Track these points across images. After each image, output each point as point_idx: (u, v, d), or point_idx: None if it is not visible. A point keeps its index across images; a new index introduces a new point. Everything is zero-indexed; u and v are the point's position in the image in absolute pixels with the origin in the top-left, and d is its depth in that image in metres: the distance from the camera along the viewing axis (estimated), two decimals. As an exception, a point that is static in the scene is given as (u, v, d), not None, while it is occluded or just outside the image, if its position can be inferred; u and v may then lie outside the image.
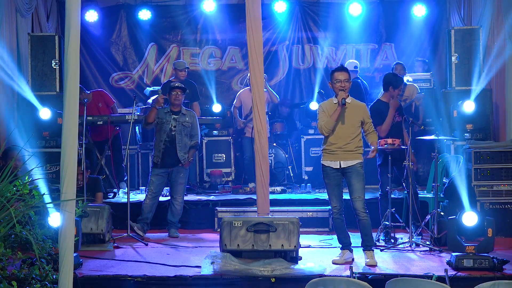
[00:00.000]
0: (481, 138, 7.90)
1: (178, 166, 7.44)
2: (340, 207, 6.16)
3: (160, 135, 7.44)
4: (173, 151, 7.39)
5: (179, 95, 7.44)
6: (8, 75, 8.22)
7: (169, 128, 7.40)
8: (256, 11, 6.70)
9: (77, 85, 4.43)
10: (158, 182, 7.46)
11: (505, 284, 4.05)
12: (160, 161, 7.41)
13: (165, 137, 7.40)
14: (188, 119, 7.51)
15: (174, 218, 7.53)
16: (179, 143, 7.40)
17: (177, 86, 7.51)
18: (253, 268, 5.46)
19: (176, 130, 7.42)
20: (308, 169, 9.81)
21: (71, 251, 4.31)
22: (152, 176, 7.50)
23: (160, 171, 7.44)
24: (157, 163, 7.44)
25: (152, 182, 7.47)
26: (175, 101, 7.43)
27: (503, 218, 7.25)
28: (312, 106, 9.91)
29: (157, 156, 7.43)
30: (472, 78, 8.19)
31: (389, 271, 5.57)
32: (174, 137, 7.40)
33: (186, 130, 7.48)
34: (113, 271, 5.65)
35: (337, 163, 6.08)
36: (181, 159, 7.41)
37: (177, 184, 7.50)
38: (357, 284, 4.09)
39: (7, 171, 4.41)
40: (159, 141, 7.44)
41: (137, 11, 10.73)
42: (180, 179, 7.49)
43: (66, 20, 4.40)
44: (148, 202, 7.45)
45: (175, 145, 7.39)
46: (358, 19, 10.51)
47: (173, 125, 7.42)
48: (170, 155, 7.40)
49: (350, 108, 6.06)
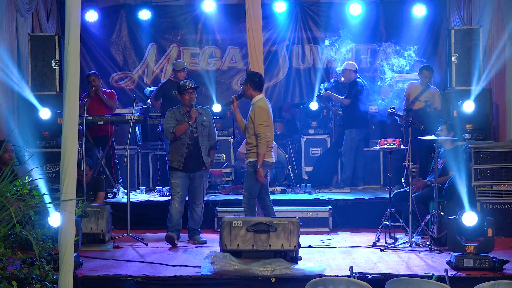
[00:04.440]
0: (481, 138, 7.90)
1: (201, 169, 7.05)
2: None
3: (181, 139, 6.95)
4: (197, 154, 6.97)
5: (193, 95, 6.98)
6: (8, 75, 8.22)
7: (190, 130, 6.95)
8: (256, 11, 6.72)
9: (77, 85, 4.43)
10: (183, 184, 7.01)
11: (505, 284, 4.04)
12: (182, 166, 6.96)
13: (187, 141, 6.95)
14: (205, 118, 7.08)
15: (196, 225, 7.16)
16: (203, 146, 7.00)
17: (188, 86, 6.99)
18: (253, 268, 5.46)
19: (198, 132, 6.99)
20: (308, 169, 9.82)
21: (71, 251, 4.31)
22: (174, 179, 7.01)
23: (183, 174, 6.99)
24: (179, 168, 6.98)
25: (177, 185, 6.99)
26: (191, 102, 6.94)
27: (503, 218, 7.27)
28: (312, 106, 9.92)
29: (179, 161, 6.96)
30: (472, 78, 8.18)
31: (389, 271, 5.57)
32: (197, 140, 6.98)
33: (205, 131, 7.06)
34: (113, 271, 5.65)
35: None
36: (205, 162, 7.03)
37: (200, 188, 7.08)
38: (357, 284, 4.09)
39: (7, 170, 4.41)
40: (181, 145, 6.97)
41: (137, 11, 10.74)
42: (203, 183, 7.11)
43: (66, 20, 4.40)
44: (178, 206, 7.00)
45: (199, 148, 6.97)
46: (358, 19, 10.51)
47: (193, 126, 6.96)
48: (194, 159, 6.97)
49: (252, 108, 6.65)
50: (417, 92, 8.63)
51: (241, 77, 10.83)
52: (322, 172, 9.62)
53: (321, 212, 7.84)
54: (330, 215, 7.80)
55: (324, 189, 9.16)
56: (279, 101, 11.01)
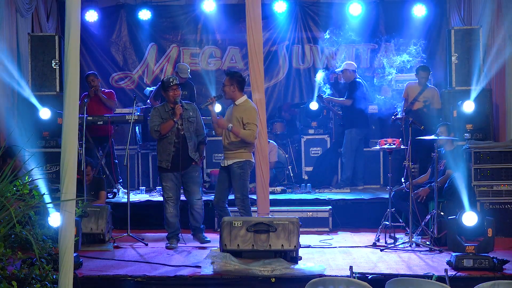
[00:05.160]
0: (481, 138, 7.90)
1: (191, 166, 6.87)
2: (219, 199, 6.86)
3: (167, 137, 6.79)
4: (184, 152, 6.77)
5: (177, 91, 6.78)
6: (8, 75, 8.22)
7: (176, 127, 6.78)
8: (256, 11, 6.71)
9: (77, 85, 4.42)
10: (174, 186, 6.84)
11: (505, 284, 4.04)
12: (171, 165, 6.78)
13: (174, 138, 6.77)
14: (192, 113, 6.90)
15: (197, 223, 6.99)
16: (190, 142, 6.81)
17: (172, 82, 6.78)
18: (253, 268, 5.46)
19: (184, 128, 6.80)
20: (308, 169, 9.82)
21: (71, 251, 4.30)
22: (165, 182, 6.84)
23: (172, 174, 6.82)
24: (167, 168, 6.81)
25: (168, 189, 6.82)
26: (175, 98, 6.78)
27: (503, 218, 7.27)
28: (312, 106, 9.91)
29: (167, 160, 6.79)
30: (472, 78, 8.19)
31: (389, 271, 5.57)
32: (184, 137, 6.79)
33: (192, 127, 6.87)
34: (113, 271, 5.65)
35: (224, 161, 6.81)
36: (194, 158, 6.85)
37: (193, 184, 6.89)
38: (357, 284, 4.09)
39: (7, 171, 4.41)
40: (167, 143, 6.79)
41: (137, 11, 10.75)
42: (195, 178, 6.91)
43: (66, 20, 4.40)
44: (172, 210, 6.84)
45: (186, 145, 6.78)
46: (358, 19, 10.51)
47: (179, 123, 6.79)
48: (182, 157, 6.75)
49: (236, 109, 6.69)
50: (415, 92, 8.63)
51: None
52: (322, 172, 9.63)
53: (321, 212, 7.84)
54: (330, 215, 7.80)
55: (324, 189, 9.16)
56: (279, 101, 11.02)
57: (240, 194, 6.74)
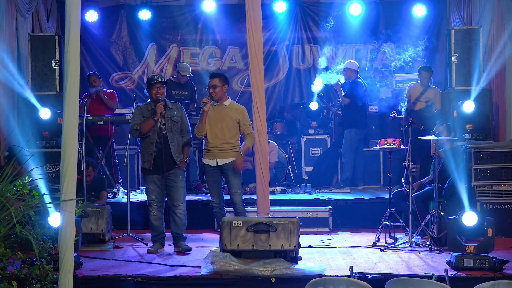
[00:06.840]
0: (481, 138, 7.89)
1: (174, 168, 6.58)
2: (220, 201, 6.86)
3: (149, 136, 6.54)
4: (167, 152, 6.51)
5: (161, 89, 6.52)
6: (8, 75, 8.22)
7: (158, 127, 6.52)
8: (256, 11, 6.71)
9: (77, 85, 4.43)
10: (157, 189, 6.59)
11: (505, 284, 4.04)
12: (152, 166, 6.52)
13: (155, 138, 6.51)
14: (176, 112, 6.61)
15: (179, 230, 6.65)
16: (172, 142, 6.54)
17: (156, 80, 6.55)
18: (253, 268, 5.46)
19: (167, 128, 6.53)
20: (308, 169, 9.82)
21: (71, 251, 4.31)
22: (148, 184, 6.61)
23: (155, 177, 6.56)
24: (149, 169, 6.54)
25: (151, 191, 6.59)
26: (158, 96, 6.49)
27: (503, 218, 7.27)
28: (312, 106, 9.91)
29: (149, 161, 6.53)
30: (472, 78, 8.18)
31: (389, 271, 5.57)
32: (166, 137, 6.53)
33: (176, 126, 6.59)
34: (113, 271, 5.65)
35: (214, 161, 6.73)
36: (177, 160, 6.56)
37: (176, 189, 6.58)
38: (357, 284, 4.09)
39: (7, 171, 4.42)
40: (149, 143, 6.53)
41: (137, 11, 10.74)
42: (179, 183, 6.59)
43: (66, 20, 4.40)
44: (156, 213, 6.60)
45: (168, 146, 6.52)
46: (358, 19, 10.51)
47: (161, 122, 6.53)
48: (164, 158, 6.49)
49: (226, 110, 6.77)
50: (417, 92, 8.63)
51: (241, 77, 10.84)
52: (322, 172, 9.63)
53: (321, 212, 7.84)
54: (330, 215, 7.81)
55: (324, 189, 9.16)
56: (279, 101, 11.01)
57: (240, 189, 6.83)
